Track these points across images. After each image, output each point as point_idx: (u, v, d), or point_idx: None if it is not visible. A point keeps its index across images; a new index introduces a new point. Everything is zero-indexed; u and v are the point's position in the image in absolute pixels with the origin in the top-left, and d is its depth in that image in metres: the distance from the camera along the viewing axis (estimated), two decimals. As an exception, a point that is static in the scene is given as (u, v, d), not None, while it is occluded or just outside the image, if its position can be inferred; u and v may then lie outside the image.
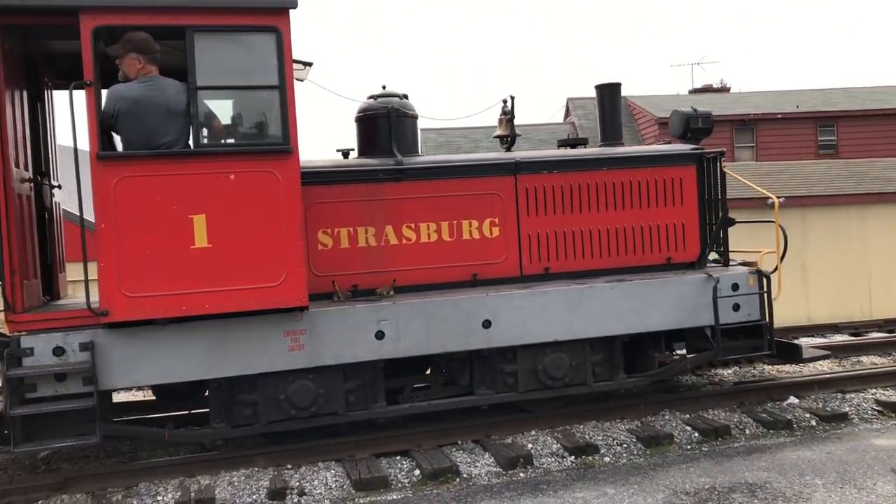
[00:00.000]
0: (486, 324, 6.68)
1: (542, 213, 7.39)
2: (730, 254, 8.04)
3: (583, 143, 8.15)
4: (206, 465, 6.23)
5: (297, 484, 5.94)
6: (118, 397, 7.95)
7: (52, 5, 5.61)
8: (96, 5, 5.57)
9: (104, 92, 5.83)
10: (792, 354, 7.64)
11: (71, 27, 5.61)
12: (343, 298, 6.74)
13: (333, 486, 5.96)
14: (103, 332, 5.84)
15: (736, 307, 7.27)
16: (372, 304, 6.48)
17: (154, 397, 7.74)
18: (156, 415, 7.66)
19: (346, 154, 7.58)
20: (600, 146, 8.13)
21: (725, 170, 7.83)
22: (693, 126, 8.03)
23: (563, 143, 8.17)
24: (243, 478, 6.08)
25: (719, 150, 7.95)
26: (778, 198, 8.31)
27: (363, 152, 7.44)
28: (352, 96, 7.93)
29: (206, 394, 6.70)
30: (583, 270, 7.47)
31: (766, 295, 7.32)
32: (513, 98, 7.86)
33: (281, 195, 5.92)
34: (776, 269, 7.57)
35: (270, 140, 6.02)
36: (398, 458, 6.45)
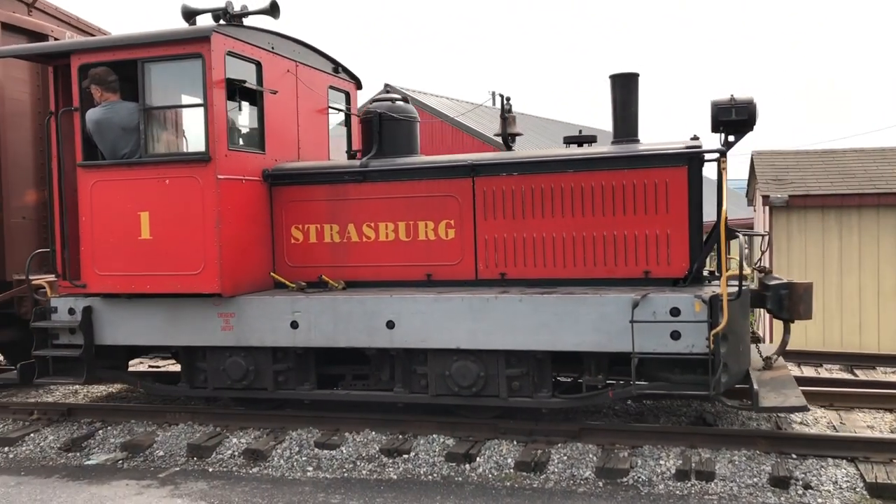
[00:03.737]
0: (390, 324, 6.86)
1: (501, 217, 7.18)
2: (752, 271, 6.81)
3: (590, 140, 7.52)
4: (707, 439, 6.37)
5: (803, 476, 5.74)
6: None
7: (54, 51, 7.46)
8: (80, 49, 7.26)
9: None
10: (750, 400, 6.17)
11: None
12: (296, 288, 7.52)
13: (844, 486, 5.60)
14: (97, 299, 7.57)
15: (675, 335, 6.20)
16: (288, 297, 7.16)
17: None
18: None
19: (353, 155, 8.26)
20: (612, 144, 7.43)
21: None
22: (723, 119, 6.81)
23: (570, 141, 7.63)
24: (744, 458, 6.06)
25: (719, 148, 6.69)
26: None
27: (364, 153, 8.01)
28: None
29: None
30: (543, 279, 7.09)
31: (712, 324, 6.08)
32: (505, 98, 7.65)
33: (200, 197, 6.97)
34: (741, 290, 6.19)
35: (193, 150, 7.10)
36: None
